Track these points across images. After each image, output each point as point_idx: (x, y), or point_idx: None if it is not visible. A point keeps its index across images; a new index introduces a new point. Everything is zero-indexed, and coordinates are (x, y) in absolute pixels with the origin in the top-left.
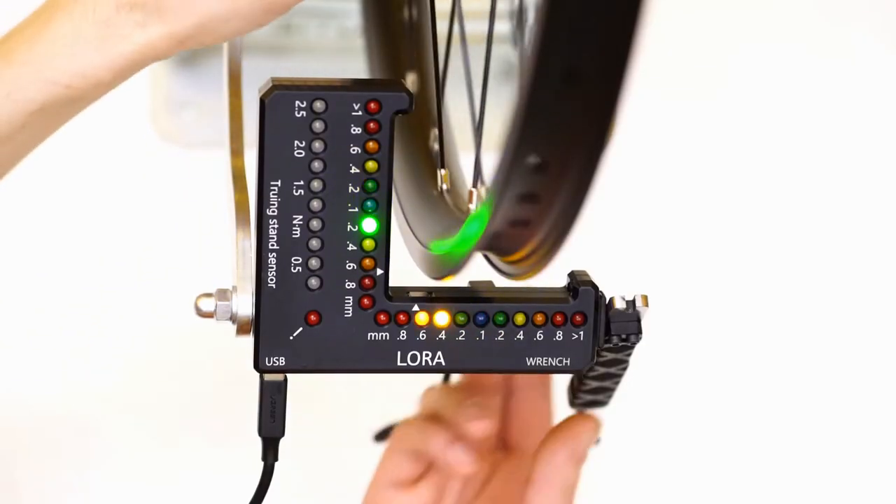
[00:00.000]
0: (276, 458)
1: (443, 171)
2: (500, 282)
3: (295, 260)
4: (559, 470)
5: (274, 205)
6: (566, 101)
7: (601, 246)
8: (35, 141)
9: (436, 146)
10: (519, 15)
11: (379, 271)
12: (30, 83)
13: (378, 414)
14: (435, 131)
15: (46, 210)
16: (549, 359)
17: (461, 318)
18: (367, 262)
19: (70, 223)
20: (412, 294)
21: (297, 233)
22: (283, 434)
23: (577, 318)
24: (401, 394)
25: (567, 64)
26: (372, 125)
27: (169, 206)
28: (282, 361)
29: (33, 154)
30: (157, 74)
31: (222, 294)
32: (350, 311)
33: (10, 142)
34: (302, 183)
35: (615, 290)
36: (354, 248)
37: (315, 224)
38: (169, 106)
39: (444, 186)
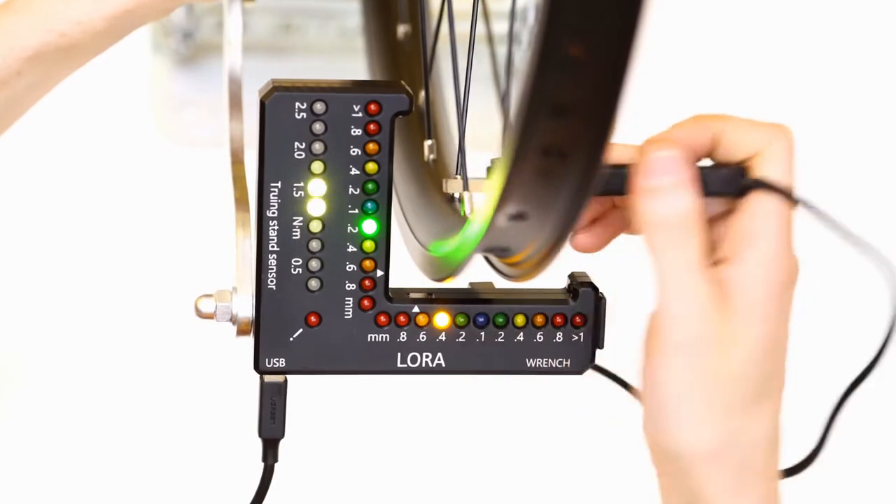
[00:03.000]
0: (276, 459)
1: (429, 142)
2: (501, 283)
3: (295, 261)
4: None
5: (274, 206)
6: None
7: None
8: (33, 93)
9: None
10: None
11: (379, 273)
12: (26, 30)
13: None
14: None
15: (47, 207)
16: (550, 360)
17: (461, 320)
18: (368, 263)
19: (70, 220)
20: (412, 295)
21: (297, 234)
22: (283, 435)
23: (577, 319)
24: (401, 395)
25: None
26: (372, 127)
27: (169, 204)
28: (282, 363)
29: (35, 151)
30: (158, 74)
31: (222, 295)
32: (350, 313)
33: (7, 87)
34: (302, 184)
35: (615, 291)
36: (355, 249)
37: (315, 226)
38: (170, 105)
39: (431, 157)
